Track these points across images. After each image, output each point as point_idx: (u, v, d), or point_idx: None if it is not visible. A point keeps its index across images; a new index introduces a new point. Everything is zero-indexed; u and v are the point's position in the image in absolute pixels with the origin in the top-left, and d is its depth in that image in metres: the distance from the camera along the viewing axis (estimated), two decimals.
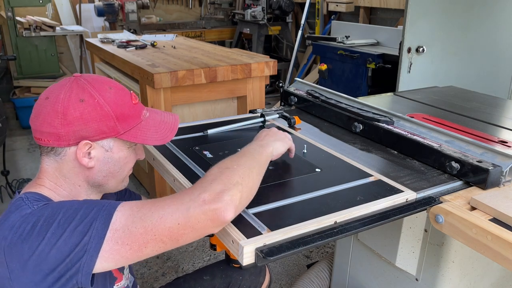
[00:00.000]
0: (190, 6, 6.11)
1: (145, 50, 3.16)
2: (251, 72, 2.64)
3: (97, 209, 0.86)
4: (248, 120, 1.57)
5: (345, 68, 3.98)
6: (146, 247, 0.84)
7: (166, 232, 0.84)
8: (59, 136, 0.94)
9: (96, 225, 0.83)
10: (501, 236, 0.90)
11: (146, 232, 0.83)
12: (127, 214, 0.85)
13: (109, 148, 0.99)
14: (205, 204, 0.84)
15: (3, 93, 4.75)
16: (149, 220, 0.84)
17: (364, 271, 1.59)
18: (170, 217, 0.83)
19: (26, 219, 0.86)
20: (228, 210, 0.85)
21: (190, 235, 0.85)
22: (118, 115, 0.97)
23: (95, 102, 0.95)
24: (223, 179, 0.88)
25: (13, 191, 3.13)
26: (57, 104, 0.93)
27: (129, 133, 1.00)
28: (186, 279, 1.41)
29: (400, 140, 1.34)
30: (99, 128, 0.95)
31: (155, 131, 1.04)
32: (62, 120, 0.93)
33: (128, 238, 0.83)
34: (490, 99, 1.98)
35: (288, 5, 5.06)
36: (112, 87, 1.00)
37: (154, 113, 1.09)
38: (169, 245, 0.86)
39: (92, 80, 0.98)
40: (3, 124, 2.72)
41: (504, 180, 1.12)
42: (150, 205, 0.86)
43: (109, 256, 0.84)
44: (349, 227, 0.95)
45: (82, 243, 0.82)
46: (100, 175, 1.01)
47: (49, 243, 0.82)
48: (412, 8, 2.68)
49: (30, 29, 4.42)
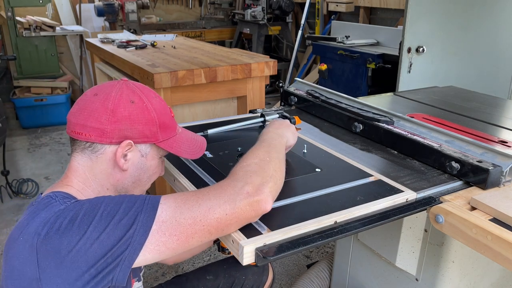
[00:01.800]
0: (190, 6, 6.11)
1: (145, 50, 3.16)
2: (251, 72, 2.64)
3: (140, 202, 0.86)
4: (248, 120, 1.57)
5: (345, 68, 3.98)
6: (193, 237, 0.86)
7: (214, 223, 0.85)
8: (104, 132, 0.95)
9: (141, 217, 0.84)
10: (501, 236, 0.90)
11: (195, 222, 0.85)
12: (173, 206, 0.86)
13: (145, 153, 1.02)
14: (249, 196, 0.87)
15: (3, 93, 4.75)
16: (198, 211, 0.85)
17: (364, 271, 1.59)
18: (218, 208, 0.85)
19: (62, 213, 0.85)
20: (269, 201, 0.89)
21: (234, 225, 0.88)
22: (161, 123, 1.01)
23: (144, 105, 0.98)
24: (261, 172, 0.92)
25: (13, 191, 3.13)
26: (108, 101, 0.95)
27: (167, 142, 1.04)
28: (189, 278, 1.41)
29: (400, 140, 1.34)
30: (143, 131, 0.98)
31: (188, 146, 1.09)
32: (110, 117, 0.95)
33: (176, 229, 0.84)
34: (490, 99, 1.98)
35: (288, 5, 5.06)
36: (157, 96, 1.04)
37: (185, 130, 1.14)
38: (214, 235, 0.88)
39: (140, 86, 1.03)
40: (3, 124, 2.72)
41: (504, 180, 1.12)
42: (195, 197, 0.88)
43: (154, 248, 0.84)
44: (349, 227, 0.95)
45: (126, 236, 0.82)
46: (130, 181, 1.03)
47: (91, 237, 0.81)
48: (412, 8, 2.67)
49: (30, 29, 4.43)
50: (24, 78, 4.65)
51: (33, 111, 4.52)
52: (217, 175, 1.14)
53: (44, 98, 4.55)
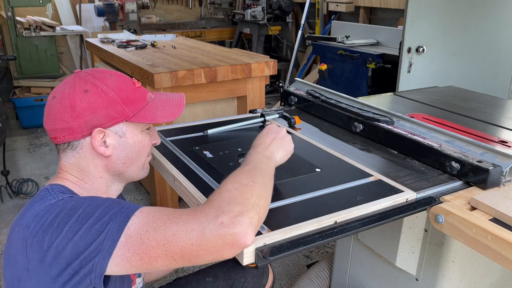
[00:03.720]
0: (190, 6, 6.11)
1: (145, 50, 3.16)
2: (251, 72, 2.64)
3: (116, 210, 0.84)
4: (248, 120, 1.57)
5: (345, 68, 3.97)
6: (157, 261, 0.81)
7: (178, 251, 0.79)
8: (72, 129, 0.96)
9: (111, 226, 0.82)
10: (501, 236, 0.90)
11: (158, 246, 0.80)
12: (142, 222, 0.82)
13: (123, 133, 1.01)
14: (222, 228, 0.77)
15: (3, 93, 4.75)
16: (162, 234, 0.80)
17: (364, 271, 1.59)
18: (184, 236, 0.79)
19: (50, 209, 0.87)
20: (248, 234, 0.79)
21: (203, 257, 0.80)
22: (124, 99, 1.00)
23: (99, 90, 0.97)
24: (241, 199, 0.83)
25: (13, 191, 3.13)
26: (64, 99, 0.96)
27: (138, 115, 1.02)
28: (188, 280, 1.40)
29: (400, 140, 1.34)
30: (108, 114, 0.98)
31: (163, 110, 1.06)
32: (71, 113, 0.95)
33: (140, 248, 0.80)
34: (490, 99, 1.98)
35: (288, 5, 5.06)
36: (113, 74, 1.03)
37: (159, 94, 1.11)
38: (181, 263, 0.81)
39: (92, 71, 1.02)
40: (3, 124, 2.72)
41: (504, 180, 1.12)
42: (166, 217, 0.82)
43: (120, 262, 0.81)
44: (349, 227, 0.95)
45: (96, 242, 0.81)
46: (119, 163, 1.03)
47: (67, 236, 0.82)
48: (412, 8, 2.67)
49: (30, 29, 4.42)
50: (24, 78, 4.65)
51: (33, 111, 4.52)
52: (217, 175, 1.14)
53: (44, 98, 4.54)
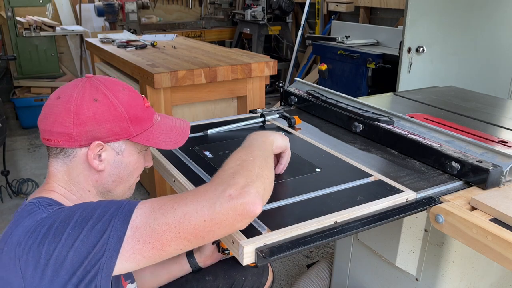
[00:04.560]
0: (190, 6, 6.11)
1: (145, 50, 3.16)
2: (251, 72, 2.64)
3: (116, 207, 0.82)
4: (248, 120, 1.57)
5: (345, 68, 3.98)
6: (170, 245, 0.81)
7: (191, 230, 0.80)
8: (71, 136, 0.91)
9: (114, 223, 0.80)
10: (501, 236, 0.90)
11: (170, 229, 0.79)
12: (148, 211, 0.81)
13: (120, 151, 0.97)
14: (232, 200, 0.80)
15: (3, 93, 4.75)
16: (172, 217, 0.80)
17: (364, 271, 1.59)
18: (195, 214, 0.80)
19: (42, 222, 0.82)
20: (256, 203, 0.81)
21: (217, 232, 0.81)
22: (132, 117, 0.95)
23: (109, 102, 0.93)
24: (244, 172, 0.85)
25: (13, 191, 3.13)
26: (70, 103, 0.91)
27: (141, 136, 0.98)
28: (188, 279, 1.40)
29: (400, 140, 1.34)
30: (112, 129, 0.93)
31: (167, 136, 1.03)
32: (74, 120, 0.90)
33: (151, 236, 0.79)
34: (490, 99, 1.98)
35: (288, 5, 5.06)
36: (125, 88, 0.98)
37: (165, 118, 1.07)
38: (195, 243, 0.82)
39: (105, 80, 0.97)
40: (3, 124, 2.72)
41: (504, 180, 1.12)
42: (172, 201, 0.82)
43: (130, 256, 0.80)
44: (349, 227, 0.95)
45: (101, 243, 0.78)
46: (110, 180, 0.99)
47: (66, 244, 0.79)
48: (412, 8, 2.68)
49: (30, 29, 4.42)
50: (24, 78, 4.65)
51: (33, 111, 4.51)
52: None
53: (44, 98, 4.54)
